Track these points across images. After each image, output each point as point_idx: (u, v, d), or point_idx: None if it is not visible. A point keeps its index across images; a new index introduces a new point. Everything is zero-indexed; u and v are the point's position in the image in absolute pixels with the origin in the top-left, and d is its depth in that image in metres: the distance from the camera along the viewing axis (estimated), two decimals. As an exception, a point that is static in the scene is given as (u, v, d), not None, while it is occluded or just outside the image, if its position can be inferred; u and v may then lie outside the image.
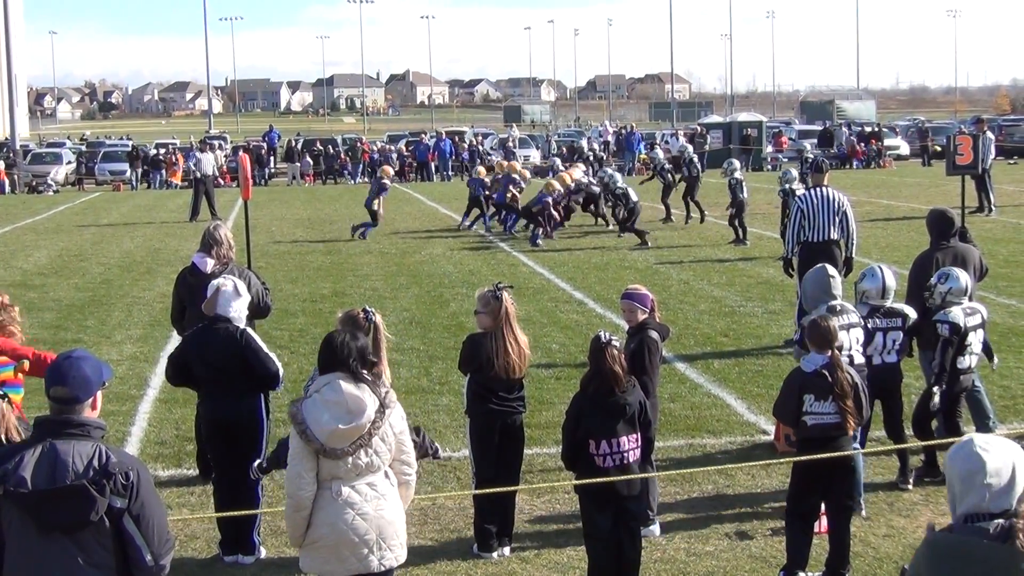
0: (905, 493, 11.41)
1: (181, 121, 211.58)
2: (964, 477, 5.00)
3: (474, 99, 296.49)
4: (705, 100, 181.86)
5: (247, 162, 14.44)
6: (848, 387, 9.14)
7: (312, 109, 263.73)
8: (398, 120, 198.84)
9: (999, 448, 5.03)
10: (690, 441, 13.13)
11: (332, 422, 7.10)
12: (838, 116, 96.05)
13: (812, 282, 11.35)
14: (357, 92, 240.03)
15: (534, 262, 27.62)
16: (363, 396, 7.16)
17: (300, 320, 20.44)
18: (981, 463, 4.96)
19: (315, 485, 7.21)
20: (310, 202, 48.74)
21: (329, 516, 7.19)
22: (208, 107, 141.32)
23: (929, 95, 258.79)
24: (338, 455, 7.13)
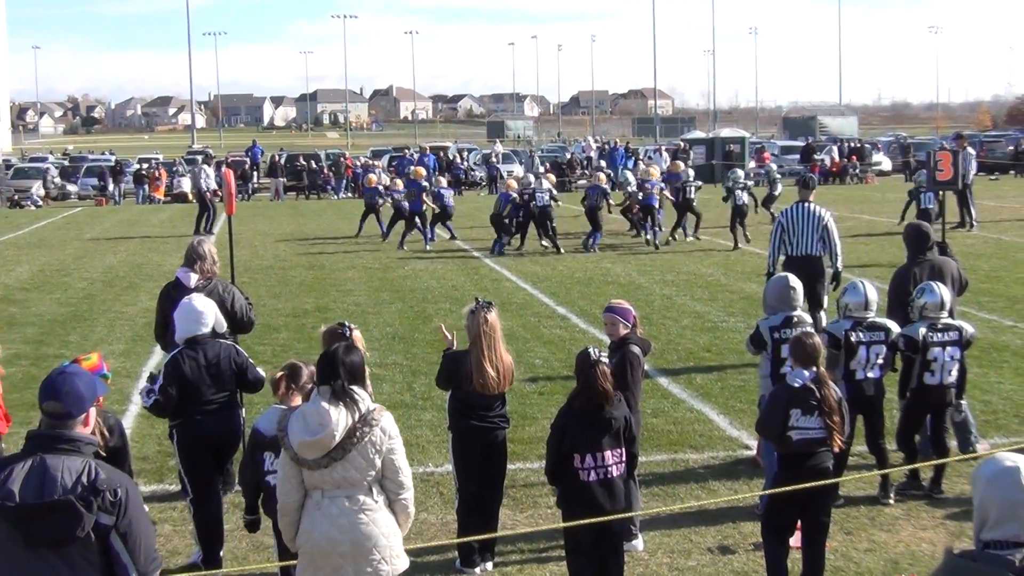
0: (887, 508, 11.43)
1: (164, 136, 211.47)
2: (1005, 503, 4.84)
3: (457, 114, 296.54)
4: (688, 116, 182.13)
5: (231, 177, 14.42)
6: (835, 402, 9.18)
7: (295, 124, 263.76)
8: (381, 135, 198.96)
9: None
10: (673, 456, 13.15)
11: (301, 434, 7.23)
12: (820, 132, 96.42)
13: (772, 291, 11.57)
14: (340, 107, 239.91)
15: (517, 277, 27.64)
16: (334, 411, 7.21)
17: (283, 335, 20.42)
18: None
19: (297, 493, 7.37)
20: (293, 217, 48.72)
21: (307, 524, 7.37)
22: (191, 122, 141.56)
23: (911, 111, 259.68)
24: (311, 466, 7.25)
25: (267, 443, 8.54)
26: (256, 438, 8.70)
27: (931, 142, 72.43)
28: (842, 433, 9.22)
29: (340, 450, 7.22)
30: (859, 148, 71.40)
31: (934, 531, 10.82)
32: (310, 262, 31.79)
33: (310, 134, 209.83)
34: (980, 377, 15.92)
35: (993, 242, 32.45)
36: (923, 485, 11.87)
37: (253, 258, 32.57)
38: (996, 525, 4.85)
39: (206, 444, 10.17)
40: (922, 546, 10.42)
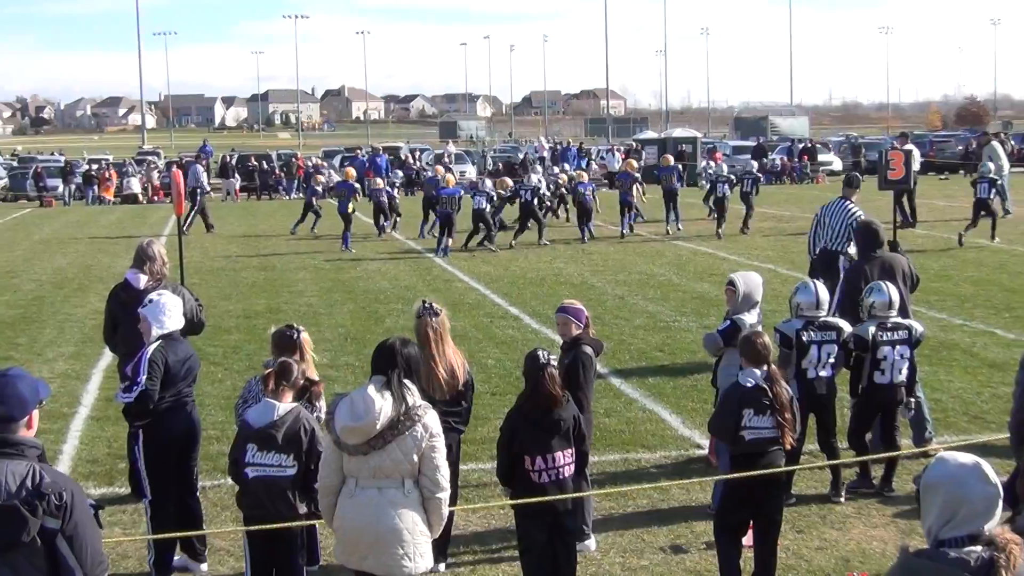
0: (838, 506, 11.48)
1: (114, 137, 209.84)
2: (959, 502, 4.88)
3: (410, 115, 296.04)
4: (640, 116, 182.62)
5: (180, 178, 14.35)
6: (786, 400, 9.22)
7: (247, 124, 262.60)
8: (333, 135, 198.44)
9: (985, 474, 4.93)
10: (625, 456, 13.16)
11: (344, 418, 7.38)
12: (772, 132, 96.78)
13: (753, 285, 11.56)
14: (292, 107, 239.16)
15: (469, 277, 27.62)
16: (380, 401, 7.36)
17: (234, 336, 20.33)
18: (995, 487, 4.88)
19: (337, 477, 7.58)
20: (245, 218, 48.53)
21: (341, 509, 7.58)
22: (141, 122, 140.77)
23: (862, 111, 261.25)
24: (351, 451, 7.43)
25: (252, 435, 8.51)
26: (243, 428, 8.65)
27: (882, 142, 72.93)
28: (793, 431, 9.27)
29: (380, 439, 7.36)
30: (810, 148, 71.70)
31: (885, 529, 10.88)
32: (261, 263, 31.67)
33: (262, 134, 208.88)
34: (930, 376, 16.01)
35: (943, 241, 32.68)
36: (874, 483, 11.93)
37: (204, 259, 32.41)
38: (959, 524, 4.87)
39: (175, 443, 10.11)
40: (873, 544, 10.47)
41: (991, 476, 4.91)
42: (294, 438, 8.45)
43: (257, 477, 8.46)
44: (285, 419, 8.47)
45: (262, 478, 8.46)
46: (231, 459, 8.74)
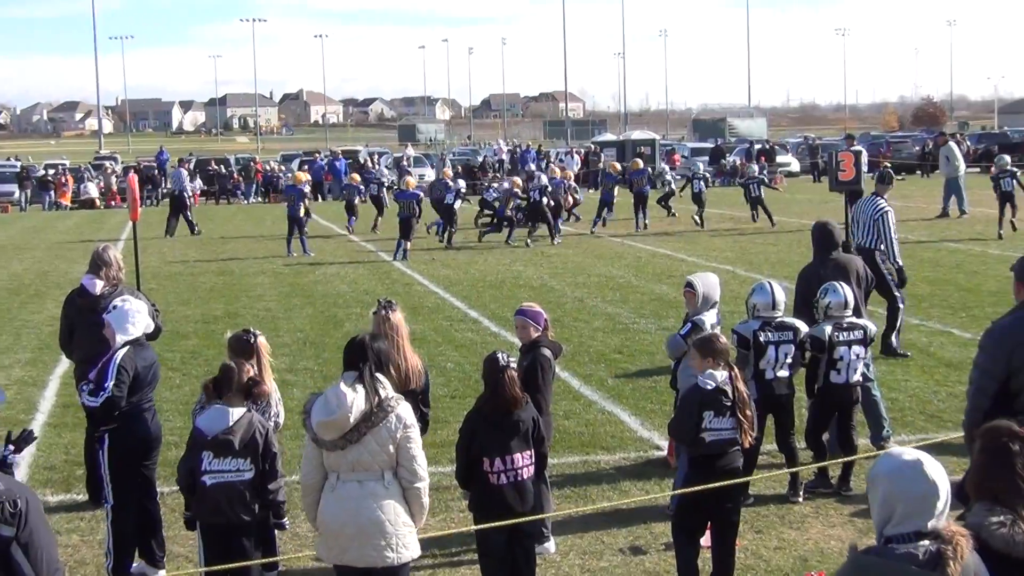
0: (796, 506, 11.52)
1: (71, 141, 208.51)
2: (908, 498, 4.93)
3: (368, 118, 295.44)
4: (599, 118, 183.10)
5: (135, 183, 14.29)
6: (747, 397, 9.27)
7: (205, 129, 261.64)
8: (292, 139, 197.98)
9: (938, 465, 5.00)
10: (584, 458, 13.17)
11: (319, 413, 7.57)
12: (730, 134, 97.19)
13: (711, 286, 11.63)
14: (250, 111, 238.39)
15: (429, 280, 27.60)
16: (352, 395, 7.53)
17: (192, 342, 20.25)
18: (932, 485, 4.93)
19: (317, 474, 7.74)
20: (202, 222, 48.22)
21: (323, 504, 7.73)
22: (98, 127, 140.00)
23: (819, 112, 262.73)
24: (328, 447, 7.58)
25: (206, 442, 8.48)
26: (196, 437, 8.62)
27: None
28: (752, 429, 9.30)
29: (355, 433, 7.52)
30: (768, 149, 71.96)
31: (843, 528, 10.93)
32: (220, 267, 31.56)
33: (220, 138, 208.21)
34: (887, 375, 16.09)
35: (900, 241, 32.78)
36: (832, 483, 11.98)
37: (161, 264, 32.28)
38: (900, 520, 4.93)
39: (140, 448, 10.09)
40: (831, 543, 10.51)
41: (930, 473, 4.95)
42: (250, 442, 8.44)
43: (216, 484, 8.44)
44: (240, 424, 8.45)
45: (220, 484, 8.44)
46: (184, 468, 8.69)
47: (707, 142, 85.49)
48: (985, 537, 5.15)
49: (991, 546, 5.14)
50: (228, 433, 8.42)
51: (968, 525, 5.21)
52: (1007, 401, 8.19)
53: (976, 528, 5.18)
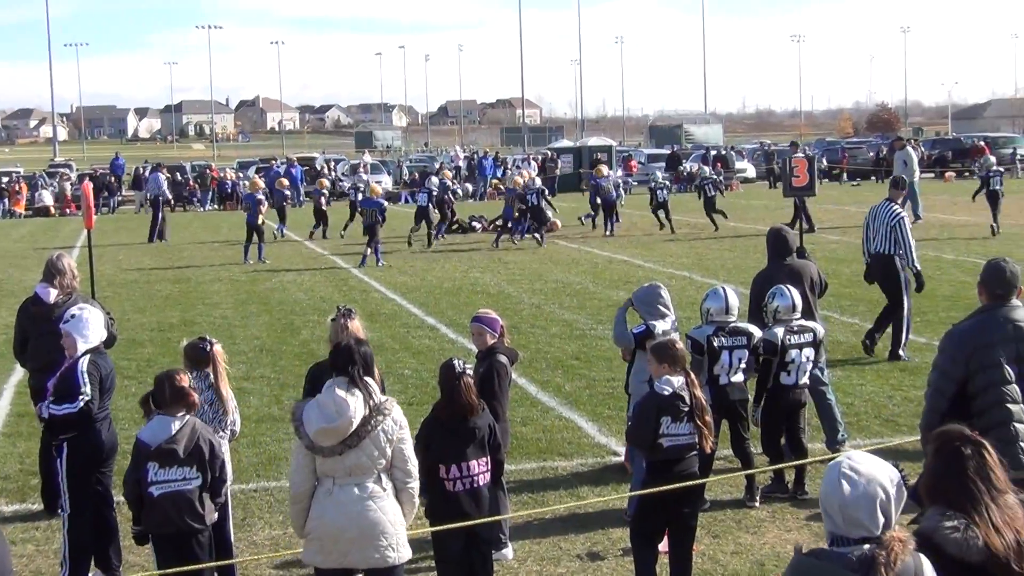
0: (752, 511, 11.57)
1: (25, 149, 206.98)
2: (852, 504, 5.01)
3: (325, 125, 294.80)
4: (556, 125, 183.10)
5: (89, 190, 14.22)
6: (705, 404, 9.30)
7: (160, 136, 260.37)
8: (248, 146, 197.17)
9: (873, 471, 5.06)
10: (542, 464, 13.18)
11: (319, 421, 7.52)
12: (686, 140, 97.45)
13: (641, 299, 11.73)
14: (206, 118, 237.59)
15: (386, 288, 27.56)
16: (351, 399, 7.54)
17: (148, 350, 20.15)
18: (871, 490, 5.00)
19: (309, 481, 7.70)
20: (159, 230, 48.06)
21: (319, 511, 7.68)
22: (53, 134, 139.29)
23: (775, 119, 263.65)
24: (326, 453, 7.56)
25: (151, 453, 8.45)
26: (139, 448, 8.59)
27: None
28: (711, 433, 9.34)
29: (355, 437, 7.54)
30: (724, 155, 72.28)
31: (799, 532, 10.97)
32: (176, 275, 31.42)
33: (175, 145, 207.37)
34: (843, 379, 16.18)
35: (855, 247, 32.91)
36: (788, 487, 12.03)
37: (117, 272, 32.12)
38: (842, 524, 5.02)
39: (99, 456, 10.07)
40: (787, 547, 10.53)
41: (869, 479, 5.02)
42: (195, 449, 8.44)
43: (163, 494, 8.42)
44: (183, 432, 8.45)
45: (168, 494, 8.42)
46: (130, 480, 8.67)
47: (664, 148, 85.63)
48: (939, 542, 5.19)
49: (945, 551, 5.18)
50: (171, 442, 8.42)
51: (922, 529, 5.25)
52: (965, 403, 8.30)
53: (930, 533, 5.22)
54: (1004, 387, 8.25)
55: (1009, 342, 8.30)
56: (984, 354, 8.29)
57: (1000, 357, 8.26)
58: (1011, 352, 8.28)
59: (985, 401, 8.28)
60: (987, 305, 8.56)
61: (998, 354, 8.27)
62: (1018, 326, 8.35)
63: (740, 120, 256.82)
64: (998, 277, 8.52)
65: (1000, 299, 8.50)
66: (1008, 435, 8.20)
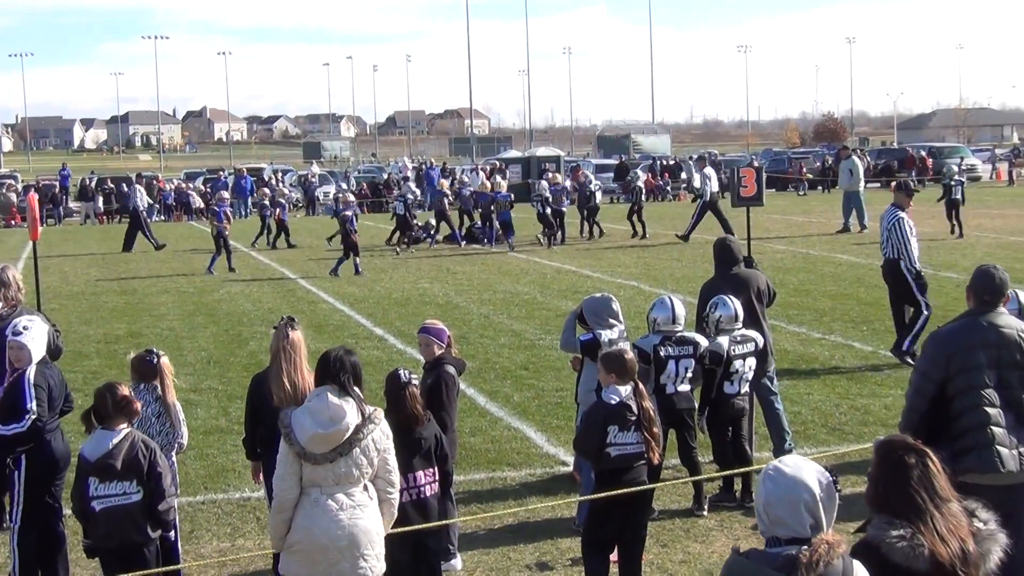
0: (700, 519, 11.61)
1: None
2: (783, 504, 5.14)
3: (273, 135, 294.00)
4: (504, 135, 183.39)
5: (35, 202, 14.11)
6: (654, 415, 9.32)
7: (107, 146, 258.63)
8: (195, 157, 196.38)
9: (799, 472, 5.19)
10: (491, 474, 13.19)
11: (313, 427, 7.47)
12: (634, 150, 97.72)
13: (590, 308, 11.64)
14: (153, 129, 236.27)
15: (334, 298, 27.48)
16: (345, 407, 7.51)
17: (95, 362, 20.01)
18: (797, 492, 5.13)
19: (296, 489, 7.59)
20: (104, 241, 47.81)
21: (305, 521, 7.57)
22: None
23: (722, 129, 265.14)
24: (317, 460, 7.49)
25: (91, 468, 8.42)
26: (80, 463, 8.55)
27: (741, 159, 74.06)
28: (659, 445, 9.37)
29: (347, 445, 7.51)
30: (672, 166, 72.53)
31: (747, 541, 10.98)
32: (122, 287, 31.23)
33: (122, 156, 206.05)
34: (789, 388, 16.25)
35: (802, 256, 33.24)
36: (736, 496, 12.08)
37: (63, 284, 31.89)
38: (773, 525, 5.16)
39: (54, 468, 10.01)
40: (735, 556, 10.58)
41: (796, 481, 5.16)
42: (133, 464, 8.40)
43: (104, 508, 8.39)
44: (120, 446, 8.42)
45: (108, 508, 8.39)
46: (75, 495, 8.65)
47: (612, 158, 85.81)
48: (885, 551, 5.23)
49: (891, 560, 5.22)
50: (108, 457, 8.38)
51: (868, 539, 5.30)
52: (944, 405, 8.41)
53: (876, 542, 5.26)
54: (982, 390, 8.35)
55: (991, 347, 8.40)
56: (964, 357, 8.39)
57: (980, 361, 8.37)
58: (992, 357, 8.39)
59: (963, 404, 8.38)
60: (973, 309, 8.68)
61: (978, 358, 8.37)
62: (1001, 332, 8.46)
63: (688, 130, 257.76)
64: (986, 283, 8.64)
65: (987, 304, 8.61)
66: (984, 438, 8.30)
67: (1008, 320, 8.59)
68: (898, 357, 17.77)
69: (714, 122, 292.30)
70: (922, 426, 8.36)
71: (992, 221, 42.14)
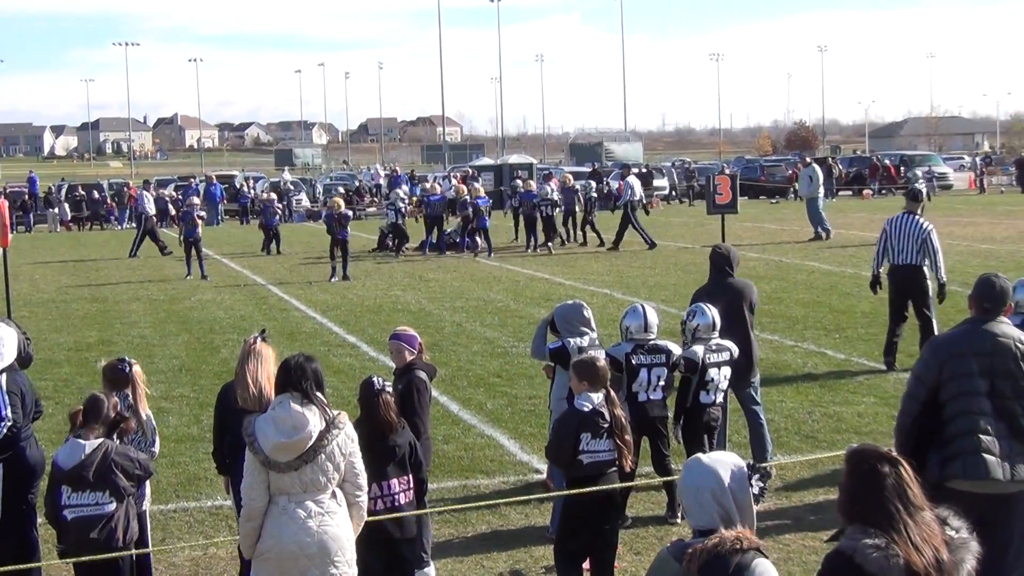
0: (674, 527, 11.61)
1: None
2: (700, 496, 5.33)
3: (245, 143, 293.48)
4: (477, 142, 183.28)
5: (5, 209, 14.04)
6: (626, 423, 9.33)
7: (77, 153, 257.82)
8: (166, 164, 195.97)
9: (714, 462, 5.39)
10: (464, 482, 13.17)
11: (276, 436, 7.43)
12: (607, 158, 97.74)
13: (561, 315, 11.58)
14: (123, 136, 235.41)
15: (306, 306, 27.43)
16: (307, 414, 7.46)
17: (65, 370, 19.92)
18: (705, 483, 5.33)
19: (265, 497, 7.55)
20: (75, 248, 47.66)
21: (274, 529, 7.53)
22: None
23: (695, 136, 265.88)
24: (282, 468, 7.45)
25: (64, 476, 8.38)
26: (53, 471, 8.51)
27: (713, 166, 74.19)
28: (631, 452, 9.37)
29: (311, 452, 7.46)
30: (645, 173, 72.57)
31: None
32: (93, 294, 31.10)
33: (93, 163, 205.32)
34: (763, 396, 16.19)
35: (774, 264, 33.29)
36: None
37: (33, 291, 31.75)
38: (690, 517, 5.40)
39: (32, 475, 9.94)
40: (708, 563, 10.57)
41: (707, 472, 5.35)
42: (106, 474, 8.35)
43: (76, 518, 8.35)
44: (93, 456, 8.37)
45: (80, 518, 8.35)
46: (48, 502, 8.61)
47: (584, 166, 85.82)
48: (860, 561, 5.22)
49: (866, 570, 5.21)
50: (81, 468, 8.33)
51: (841, 548, 5.30)
52: (936, 411, 8.44)
53: (850, 551, 5.25)
54: (973, 397, 8.38)
55: (984, 355, 8.43)
56: (957, 363, 8.44)
57: (972, 368, 8.40)
58: (984, 365, 8.41)
59: (953, 409, 8.41)
60: (972, 317, 8.72)
61: (970, 365, 8.41)
62: (998, 340, 8.48)
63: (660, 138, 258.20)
64: (987, 291, 8.67)
65: (987, 313, 8.64)
66: (971, 445, 8.33)
67: (1006, 329, 8.60)
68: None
69: (686, 130, 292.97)
70: (914, 430, 8.42)
71: (963, 229, 42.29)
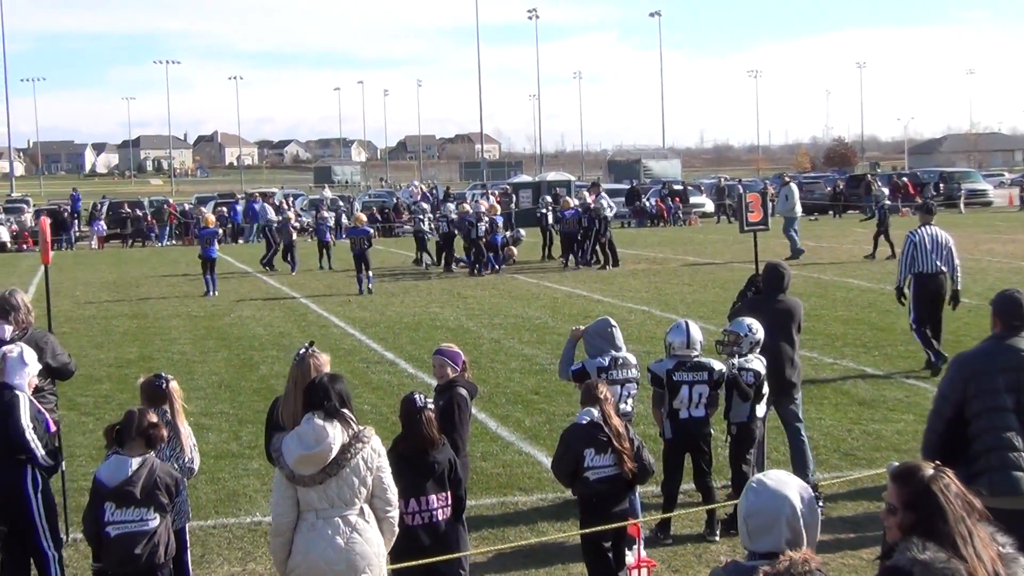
0: (713, 545, 11.56)
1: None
2: (763, 518, 5.23)
3: (284, 160, 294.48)
4: (515, 160, 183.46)
5: (47, 226, 14.10)
6: (622, 429, 9.49)
7: (118, 171, 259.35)
8: (207, 182, 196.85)
9: (781, 484, 5.28)
10: (502, 499, 13.15)
11: (298, 449, 7.52)
12: (645, 175, 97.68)
13: (593, 333, 11.66)
14: (164, 153, 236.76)
15: (345, 323, 27.48)
16: (330, 428, 7.54)
17: (106, 386, 20.02)
18: (775, 505, 5.22)
19: (292, 513, 7.66)
20: (116, 265, 47.93)
21: (302, 545, 7.62)
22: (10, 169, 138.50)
23: (733, 153, 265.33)
24: (307, 482, 7.54)
25: (107, 493, 8.38)
26: (96, 487, 8.52)
27: (752, 184, 73.98)
28: (631, 457, 9.40)
29: (335, 466, 7.53)
30: (681, 190, 72.47)
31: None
32: (133, 311, 31.26)
33: (133, 181, 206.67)
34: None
35: (813, 281, 33.15)
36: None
37: (74, 308, 31.93)
38: (752, 538, 5.25)
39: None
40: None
41: (774, 494, 5.24)
42: (152, 491, 8.36)
43: (120, 534, 8.35)
44: (140, 472, 8.36)
45: (125, 534, 8.35)
46: (88, 519, 8.61)
47: (623, 183, 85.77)
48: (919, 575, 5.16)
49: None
50: (128, 484, 8.33)
51: (898, 562, 5.18)
52: (963, 427, 8.42)
53: (908, 566, 5.17)
54: (999, 414, 8.36)
55: (1010, 371, 8.41)
56: (983, 380, 8.42)
57: (998, 384, 8.38)
58: (1011, 381, 8.39)
59: (979, 426, 8.39)
60: (997, 333, 8.69)
61: (996, 381, 8.39)
62: (1022, 356, 8.45)
63: (698, 155, 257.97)
64: (1010, 307, 8.67)
65: (1014, 329, 8.61)
66: (999, 461, 8.31)
67: None
68: None
69: (725, 147, 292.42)
70: (940, 446, 8.39)
71: (1004, 246, 42.07)
